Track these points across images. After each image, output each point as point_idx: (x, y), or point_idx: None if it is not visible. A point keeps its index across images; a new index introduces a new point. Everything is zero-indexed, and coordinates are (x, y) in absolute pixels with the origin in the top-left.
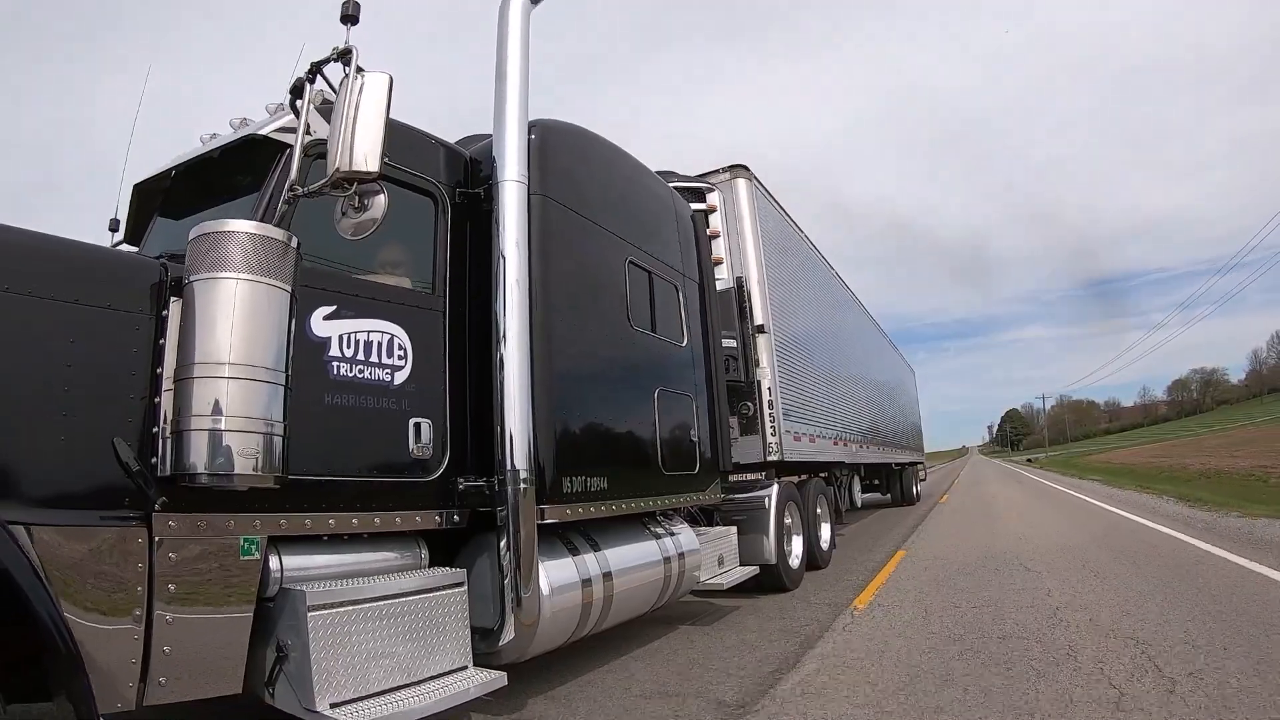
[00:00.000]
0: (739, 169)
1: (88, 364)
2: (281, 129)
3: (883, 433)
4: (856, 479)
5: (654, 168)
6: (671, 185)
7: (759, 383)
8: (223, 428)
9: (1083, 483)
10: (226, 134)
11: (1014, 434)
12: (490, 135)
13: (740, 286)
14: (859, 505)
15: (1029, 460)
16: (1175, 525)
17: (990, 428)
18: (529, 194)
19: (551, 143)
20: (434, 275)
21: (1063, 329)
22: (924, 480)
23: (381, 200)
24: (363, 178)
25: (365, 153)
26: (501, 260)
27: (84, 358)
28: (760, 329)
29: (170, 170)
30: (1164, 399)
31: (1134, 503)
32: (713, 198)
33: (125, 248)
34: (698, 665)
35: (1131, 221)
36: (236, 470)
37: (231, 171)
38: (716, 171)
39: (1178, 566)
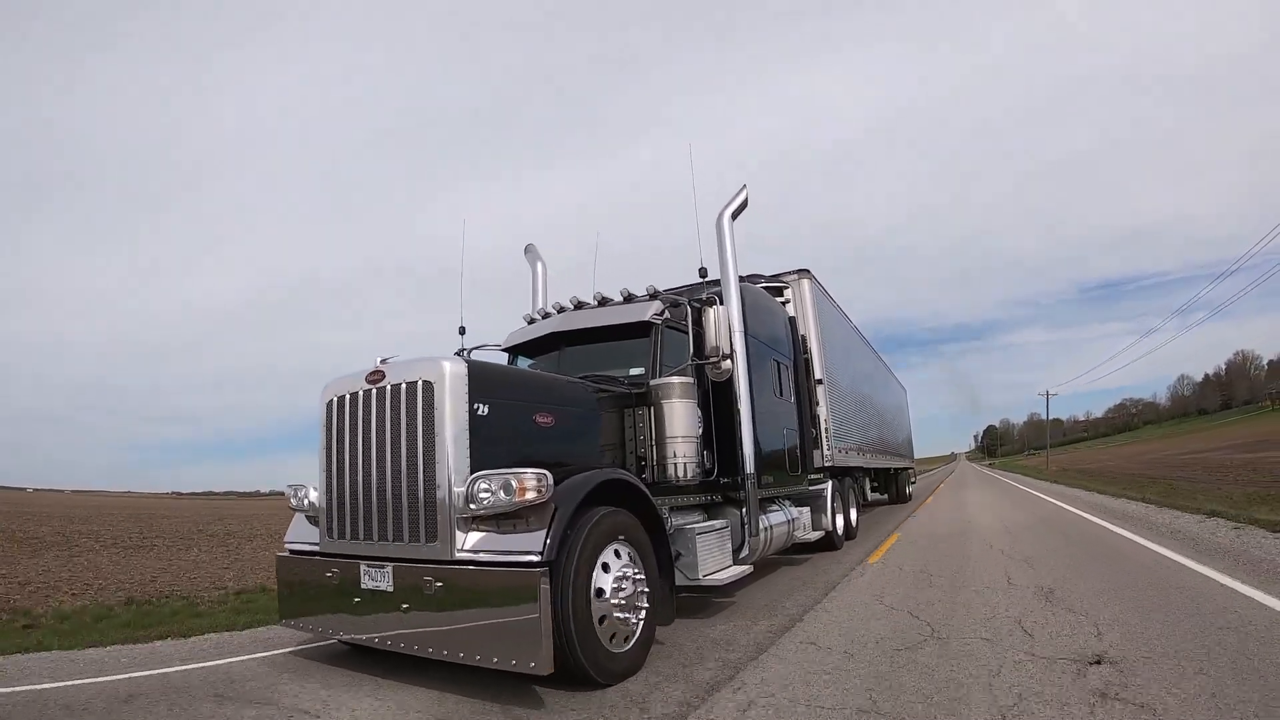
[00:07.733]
0: (804, 272)
1: (606, 432)
2: (655, 314)
3: (886, 444)
4: (868, 480)
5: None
6: (760, 285)
7: (819, 416)
8: (679, 462)
9: (1009, 473)
10: (616, 300)
11: (991, 445)
12: (706, 282)
13: (805, 351)
14: (868, 500)
15: (990, 464)
16: (1032, 487)
17: (976, 436)
18: (744, 336)
19: (747, 303)
20: (699, 376)
21: (1057, 332)
22: (914, 484)
23: (729, 364)
24: (724, 354)
25: (723, 342)
26: (735, 370)
27: (606, 431)
28: (819, 381)
29: (588, 329)
30: (1104, 418)
31: (1018, 479)
32: (788, 292)
33: (487, 349)
34: (804, 582)
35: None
36: (686, 478)
37: (621, 330)
38: (790, 273)
39: (1020, 499)
